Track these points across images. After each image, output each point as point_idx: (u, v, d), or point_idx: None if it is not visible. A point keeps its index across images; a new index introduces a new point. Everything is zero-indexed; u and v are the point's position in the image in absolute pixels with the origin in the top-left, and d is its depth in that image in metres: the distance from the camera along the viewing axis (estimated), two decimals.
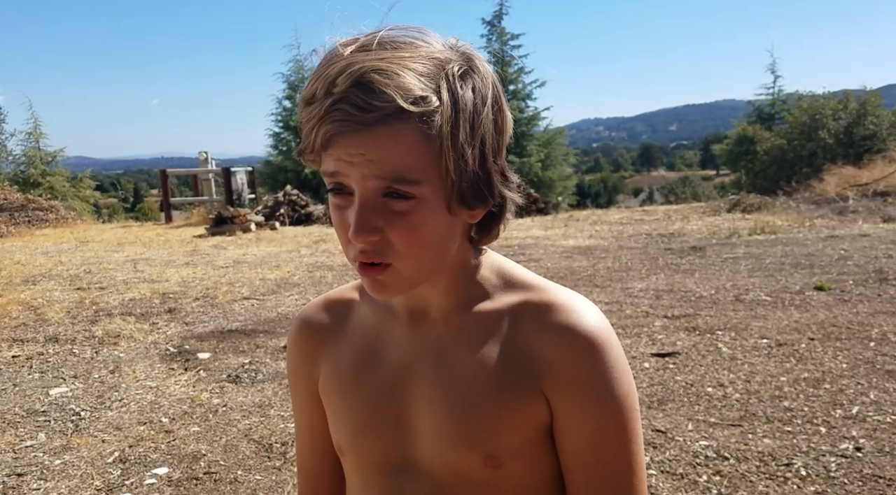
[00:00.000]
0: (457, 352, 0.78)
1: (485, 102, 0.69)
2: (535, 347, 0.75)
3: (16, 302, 6.49)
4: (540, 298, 0.77)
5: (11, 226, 13.26)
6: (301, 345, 0.89)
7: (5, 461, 3.13)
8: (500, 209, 0.76)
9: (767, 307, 5.25)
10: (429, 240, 0.70)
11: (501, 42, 25.63)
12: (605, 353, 0.74)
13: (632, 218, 12.43)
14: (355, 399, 0.82)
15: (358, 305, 0.87)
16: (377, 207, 0.68)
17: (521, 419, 0.75)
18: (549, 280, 0.84)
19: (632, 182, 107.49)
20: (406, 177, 0.66)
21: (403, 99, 0.63)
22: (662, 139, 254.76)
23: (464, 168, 0.67)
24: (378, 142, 0.65)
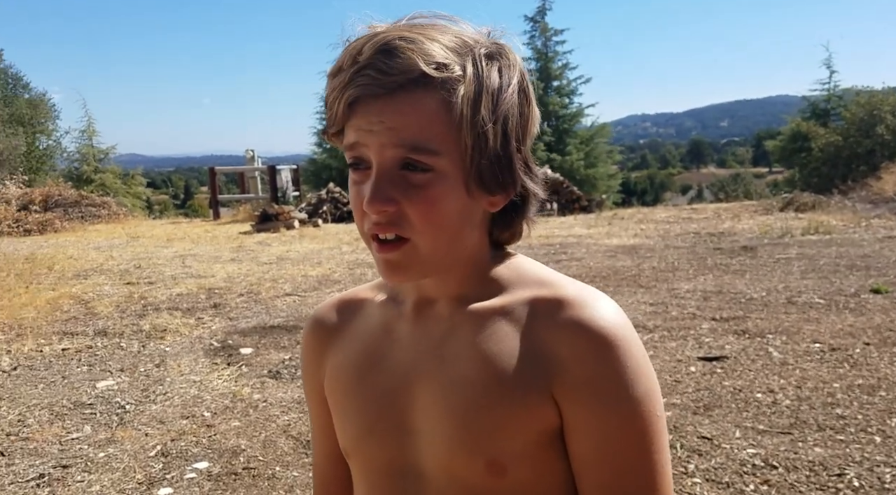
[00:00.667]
0: (460, 349, 0.73)
1: (510, 85, 0.68)
2: (544, 345, 0.70)
3: (67, 295, 6.68)
4: (552, 294, 0.72)
5: (66, 221, 13.70)
6: (311, 345, 0.87)
7: (51, 453, 3.21)
8: (522, 202, 0.74)
9: (821, 310, 5.06)
10: (446, 218, 0.68)
11: (545, 38, 25.42)
12: (621, 351, 0.68)
13: (679, 216, 12.17)
14: (359, 400, 0.79)
15: (369, 304, 0.84)
16: (394, 178, 0.66)
17: (527, 422, 0.70)
18: (592, 280, 0.78)
19: (680, 179, 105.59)
20: (425, 147, 0.65)
21: (426, 63, 0.63)
22: (713, 135, 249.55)
23: (484, 145, 0.66)
24: (399, 108, 0.64)
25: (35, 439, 3.35)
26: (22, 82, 27.42)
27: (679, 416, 3.29)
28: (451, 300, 0.76)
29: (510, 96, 0.67)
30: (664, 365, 4.03)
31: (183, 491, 2.84)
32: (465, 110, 0.65)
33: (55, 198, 14.59)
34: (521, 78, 0.70)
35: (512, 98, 0.68)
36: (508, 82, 0.68)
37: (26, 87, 27.33)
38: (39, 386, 4.15)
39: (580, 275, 6.77)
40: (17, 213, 13.58)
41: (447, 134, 0.65)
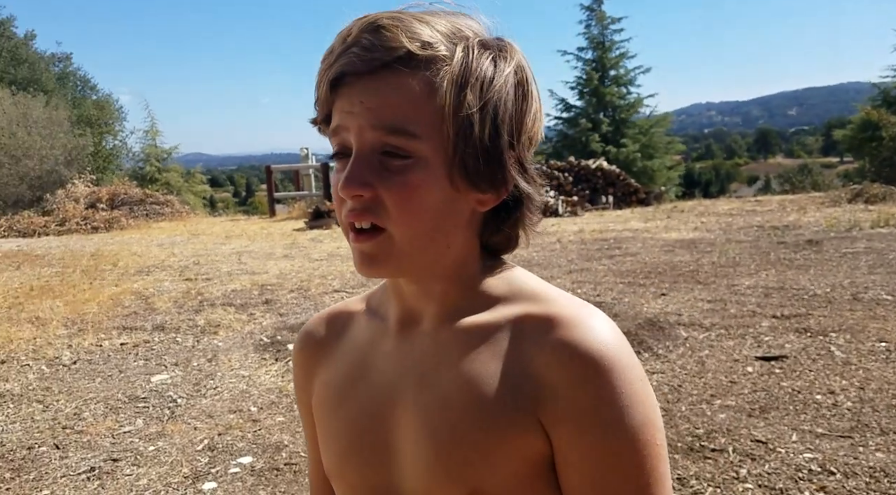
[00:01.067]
0: (442, 369, 0.68)
1: (503, 76, 0.64)
2: (532, 367, 0.64)
3: (129, 291, 6.90)
4: (543, 310, 0.66)
5: (131, 219, 14.21)
6: (300, 360, 0.83)
7: (103, 446, 3.30)
8: (515, 205, 0.68)
9: (888, 307, 4.78)
10: (425, 207, 0.63)
11: (601, 27, 24.92)
12: (613, 375, 0.62)
13: (742, 209, 11.75)
14: (340, 421, 0.74)
15: (359, 317, 0.80)
16: (372, 163, 0.63)
17: (512, 451, 0.64)
18: (647, 275, 0.72)
19: (746, 170, 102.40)
20: (405, 129, 0.62)
21: (409, 40, 0.61)
22: (780, 124, 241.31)
23: (468, 132, 0.62)
24: (380, 87, 0.62)
25: (89, 432, 3.46)
26: (90, 84, 28.61)
27: (733, 419, 3.16)
28: (435, 313, 0.70)
29: (502, 87, 0.64)
30: (719, 365, 3.88)
31: (226, 485, 2.88)
32: (449, 94, 0.61)
33: (121, 197, 15.15)
34: (519, 73, 0.66)
35: (504, 89, 0.64)
36: (502, 72, 0.64)
37: (94, 88, 28.52)
38: (97, 380, 4.28)
39: (635, 271, 6.60)
40: (85, 211, 14.16)
41: (429, 117, 0.62)
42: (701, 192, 18.98)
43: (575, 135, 24.05)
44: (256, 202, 34.55)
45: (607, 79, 24.91)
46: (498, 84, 0.63)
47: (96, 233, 13.11)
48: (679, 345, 4.27)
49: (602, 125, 24.05)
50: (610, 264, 7.15)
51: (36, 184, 16.77)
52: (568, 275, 6.64)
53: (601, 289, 5.95)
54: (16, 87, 20.47)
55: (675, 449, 2.91)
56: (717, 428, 3.07)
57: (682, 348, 4.22)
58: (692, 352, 4.14)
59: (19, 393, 4.07)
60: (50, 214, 14.20)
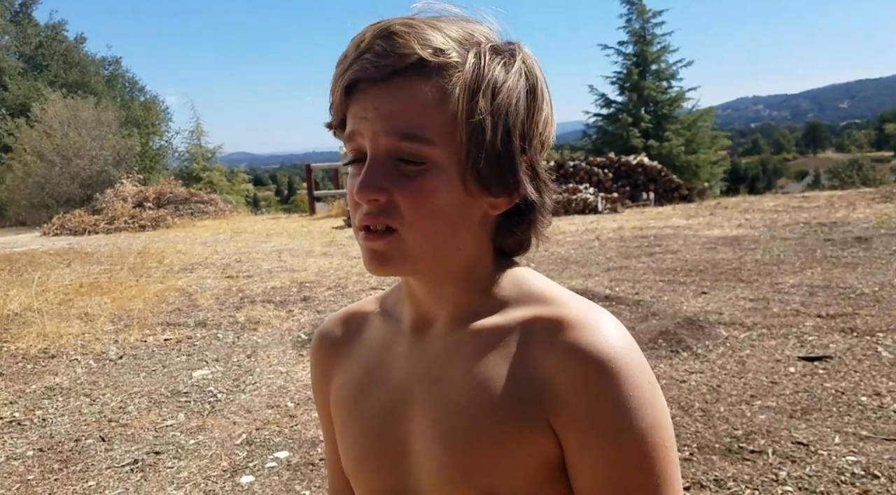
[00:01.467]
0: (454, 372, 0.69)
1: (514, 81, 0.65)
2: (541, 370, 0.65)
3: (174, 288, 7.07)
4: (552, 313, 0.67)
5: (176, 217, 14.57)
6: (317, 360, 0.85)
7: (146, 439, 3.39)
8: (528, 208, 0.69)
9: None
10: (438, 211, 0.64)
11: (643, 20, 24.52)
12: (622, 378, 0.62)
13: (789, 205, 11.45)
14: (357, 423, 0.76)
15: (374, 318, 0.81)
16: (387, 168, 0.65)
17: (523, 453, 0.65)
18: (688, 273, 0.72)
19: (795, 165, 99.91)
20: (418, 135, 0.63)
21: (422, 47, 0.62)
22: (831, 117, 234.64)
23: (481, 137, 0.63)
24: (393, 94, 0.63)
25: (133, 425, 3.56)
26: (138, 86, 29.38)
27: (773, 420, 3.09)
28: (447, 316, 0.72)
29: (513, 92, 0.65)
30: (760, 365, 3.80)
31: (263, 479, 2.93)
32: (462, 99, 0.62)
33: (167, 196, 15.54)
34: (531, 78, 0.67)
35: (515, 94, 0.65)
36: (513, 77, 0.65)
37: (142, 90, 29.28)
38: (141, 375, 4.40)
39: (675, 269, 6.50)
40: (132, 210, 14.57)
41: (442, 123, 0.63)
42: (747, 188, 18.55)
43: (615, 130, 23.76)
44: (298, 200, 35.06)
45: (648, 73, 24.53)
46: (509, 89, 0.64)
47: (143, 232, 13.47)
48: (719, 345, 4.19)
49: (643, 120, 23.70)
50: (650, 262, 7.05)
51: (86, 183, 17.30)
52: (606, 274, 6.57)
53: (640, 287, 5.87)
54: (66, 90, 21.15)
55: (713, 450, 2.86)
56: (757, 430, 3.00)
57: (722, 348, 4.14)
58: (732, 351, 4.06)
59: (68, 387, 4.21)
60: (99, 213, 14.65)
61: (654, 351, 4.14)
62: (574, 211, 12.28)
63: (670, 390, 3.52)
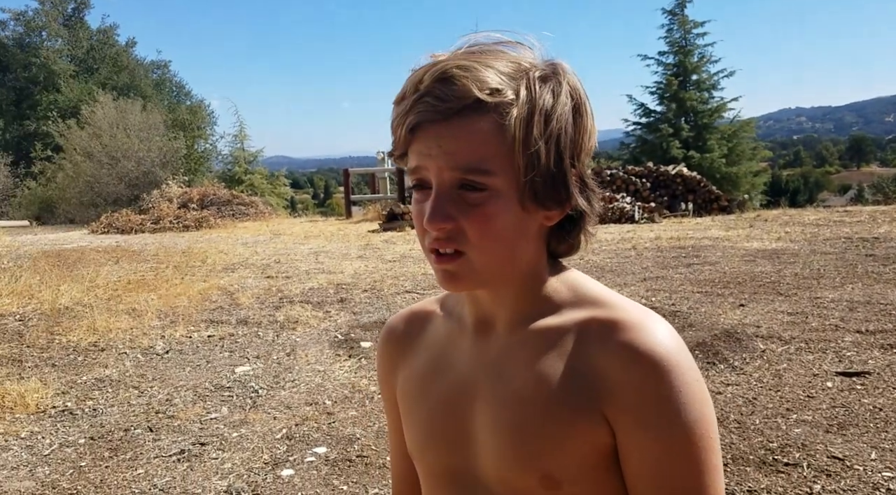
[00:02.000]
0: (516, 367, 0.76)
1: (562, 105, 0.71)
2: (597, 366, 0.71)
3: (216, 287, 7.26)
4: (608, 315, 0.74)
5: (219, 218, 14.90)
6: (384, 353, 0.93)
7: (192, 430, 3.52)
8: (578, 216, 0.76)
9: None
10: (501, 232, 0.71)
11: (684, 31, 24.28)
12: (672, 376, 0.68)
13: (830, 219, 11.26)
14: (422, 409, 0.84)
15: (436, 317, 0.89)
16: (452, 197, 0.71)
17: (579, 441, 0.72)
18: (726, 285, 0.79)
19: (838, 178, 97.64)
20: (479, 168, 0.69)
21: (479, 89, 0.67)
22: (877, 131, 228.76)
23: (536, 163, 0.69)
24: (455, 133, 0.68)
25: (179, 417, 3.70)
26: (184, 90, 30.08)
27: (809, 434, 3.09)
28: (507, 317, 0.79)
29: (562, 115, 0.70)
30: (797, 379, 3.78)
31: (303, 473, 3.03)
32: (518, 132, 0.68)
33: (210, 197, 15.90)
34: (574, 96, 0.72)
35: (564, 117, 0.70)
36: (560, 101, 0.71)
37: (188, 94, 29.99)
38: (187, 369, 4.56)
39: (713, 281, 6.46)
40: (177, 210, 14.95)
41: (501, 155, 0.69)
42: (787, 201, 18.21)
43: (655, 140, 23.57)
44: (334, 203, 35.44)
45: (689, 83, 24.28)
46: (558, 114, 0.70)
47: (187, 232, 13.81)
48: (756, 358, 4.18)
49: (683, 130, 23.46)
50: (687, 273, 7.02)
51: (133, 183, 17.79)
52: (642, 283, 6.57)
53: (676, 297, 5.86)
54: (117, 93, 21.77)
55: (748, 461, 2.88)
56: (792, 443, 3.01)
57: (759, 361, 4.13)
58: (769, 364, 4.04)
59: (117, 379, 4.38)
60: (146, 213, 15.07)
61: None
62: (610, 220, 12.24)
63: None
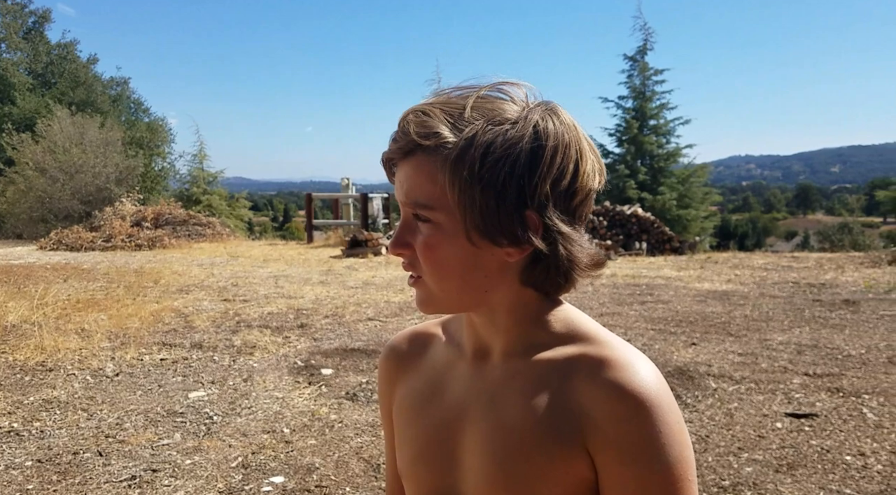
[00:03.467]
0: (508, 396, 0.80)
1: (510, 148, 0.71)
2: (583, 402, 0.74)
3: (170, 309, 7.11)
4: (597, 352, 0.77)
5: (174, 238, 14.62)
6: (385, 370, 0.97)
7: (143, 456, 3.43)
8: (554, 257, 0.75)
9: None
10: (444, 263, 0.77)
11: (644, 77, 25.09)
12: (654, 415, 0.71)
13: (778, 264, 11.64)
14: (415, 429, 0.87)
15: (437, 340, 0.93)
16: (411, 226, 0.79)
17: (562, 473, 0.74)
18: (678, 324, 0.83)
19: (785, 224, 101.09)
20: (421, 202, 0.76)
21: (417, 134, 0.73)
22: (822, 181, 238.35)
23: (471, 203, 0.72)
24: (406, 171, 0.77)
25: (130, 442, 3.59)
26: (143, 107, 29.65)
27: (759, 473, 3.17)
28: (502, 347, 0.82)
29: (508, 158, 0.71)
30: (748, 419, 3.88)
31: None
32: (448, 172, 0.72)
33: (165, 217, 15.61)
34: (543, 138, 0.72)
35: (511, 159, 0.71)
36: (509, 145, 0.71)
37: (146, 112, 29.54)
38: (138, 393, 4.44)
39: (666, 319, 6.61)
40: (130, 229, 14.61)
41: (438, 192, 0.74)
42: (736, 244, 18.79)
43: (612, 180, 24.13)
44: (293, 227, 35.09)
45: (646, 128, 25.02)
46: (500, 156, 0.71)
47: (140, 251, 13.50)
48: (708, 396, 4.28)
49: (639, 173, 24.10)
50: (641, 310, 7.16)
51: (86, 199, 17.36)
52: (600, 319, 6.67)
53: (631, 334, 5.97)
54: (74, 108, 21.33)
55: None
56: (744, 481, 3.08)
57: (710, 399, 4.23)
58: (721, 403, 4.14)
59: (66, 401, 4.25)
60: (97, 230, 14.69)
61: None
62: None
63: None
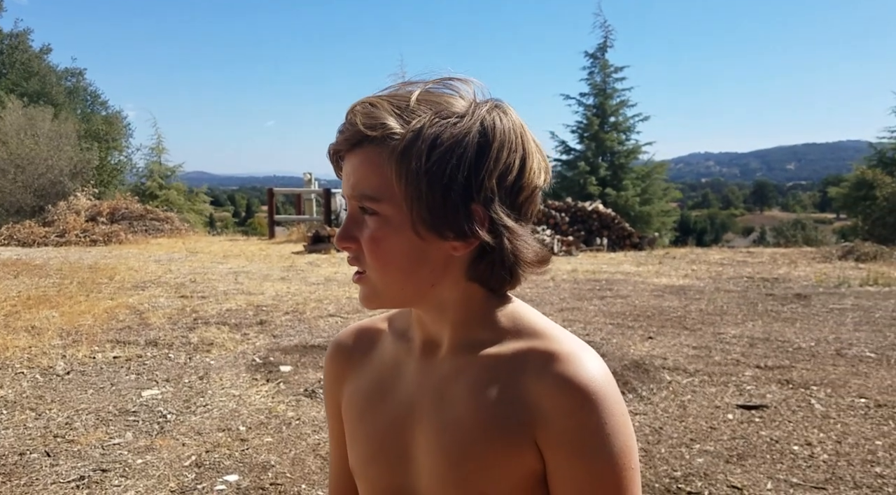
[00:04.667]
0: (457, 392, 0.80)
1: (458, 141, 0.72)
2: (531, 395, 0.75)
3: (124, 306, 6.97)
4: (544, 346, 0.77)
5: (130, 233, 14.29)
6: (331, 367, 0.96)
7: (93, 456, 3.35)
8: (499, 246, 0.75)
9: (871, 364, 4.88)
10: (389, 255, 0.76)
11: (604, 75, 25.36)
12: (600, 407, 0.72)
13: (734, 259, 11.90)
14: (367, 427, 0.87)
15: (385, 336, 0.92)
16: (357, 220, 0.78)
17: (512, 465, 0.75)
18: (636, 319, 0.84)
19: (742, 220, 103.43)
20: (368, 194, 0.75)
21: (364, 125, 0.73)
22: (778, 178, 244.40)
23: (417, 195, 0.72)
24: (353, 162, 0.76)
25: (80, 442, 3.51)
26: (99, 100, 28.92)
27: (710, 464, 3.23)
28: (451, 342, 0.82)
29: (454, 151, 0.71)
30: (700, 410, 3.96)
31: None
32: (394, 162, 0.73)
33: (122, 211, 15.25)
34: (489, 133, 0.73)
35: (455, 152, 0.71)
36: (455, 137, 0.72)
37: (104, 104, 28.81)
38: (89, 392, 4.34)
39: (624, 313, 6.70)
40: (85, 224, 14.24)
41: (384, 184, 0.74)
42: (695, 240, 19.10)
43: (573, 177, 24.33)
44: (255, 223, 34.66)
45: (607, 125, 25.29)
46: (446, 149, 0.71)
47: (95, 247, 13.18)
48: (662, 389, 4.36)
49: (600, 169, 24.37)
50: (601, 305, 7.25)
51: (39, 193, 16.87)
52: (559, 313, 6.73)
53: (591, 328, 6.04)
54: (27, 99, 20.71)
55: (653, 489, 2.99)
56: (695, 472, 3.14)
57: (665, 391, 4.30)
58: (675, 395, 4.22)
59: (13, 400, 4.13)
60: (51, 225, 14.27)
61: None
62: None
63: None
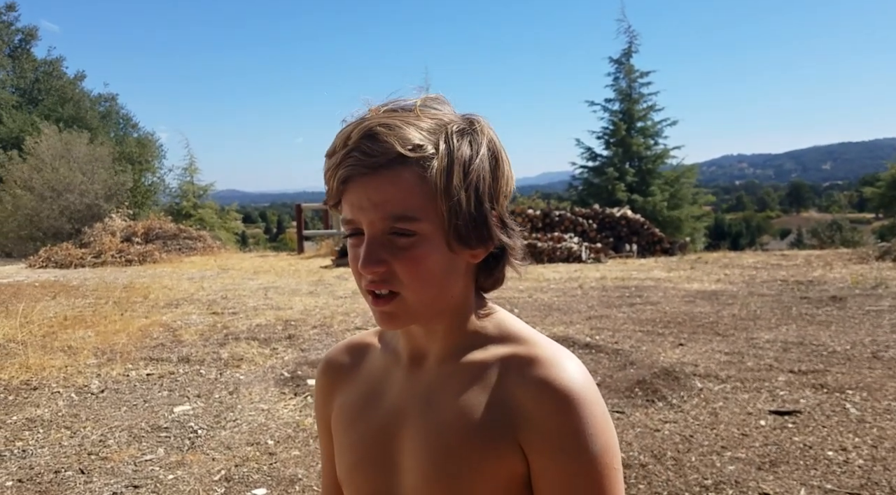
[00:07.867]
0: (443, 397, 0.82)
1: (479, 155, 0.78)
2: (514, 399, 0.78)
3: (158, 323, 7.09)
4: (527, 351, 0.80)
5: (164, 252, 14.57)
6: (321, 383, 0.99)
7: (126, 473, 3.41)
8: (501, 252, 0.83)
9: None
10: (430, 273, 0.77)
11: (629, 80, 25.17)
12: (581, 409, 0.75)
13: (768, 262, 11.68)
14: (353, 436, 0.89)
15: (374, 349, 0.95)
16: (383, 243, 0.77)
17: (497, 468, 0.77)
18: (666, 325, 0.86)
19: (778, 223, 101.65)
20: (406, 215, 0.75)
21: (402, 146, 0.74)
22: (814, 178, 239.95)
23: (458, 209, 0.75)
24: (381, 185, 0.75)
25: (113, 459, 3.58)
26: (132, 123, 29.60)
27: (742, 471, 3.17)
28: (438, 351, 0.85)
29: (480, 164, 0.77)
30: (732, 417, 3.89)
31: None
32: (440, 182, 0.75)
33: (156, 231, 15.57)
34: (491, 146, 0.79)
35: (482, 165, 0.78)
36: (478, 152, 0.77)
37: (135, 126, 29.48)
38: (122, 409, 4.42)
39: (654, 320, 6.62)
40: (120, 244, 14.56)
41: (425, 201, 0.75)
42: (729, 244, 18.82)
43: (601, 183, 24.16)
44: (286, 238, 35.08)
45: (634, 130, 25.07)
46: (476, 164, 0.77)
47: (130, 266, 13.46)
48: (693, 396, 4.29)
49: (628, 175, 24.15)
50: (630, 312, 7.17)
51: (76, 217, 17.30)
52: (587, 322, 6.68)
53: (619, 336, 5.98)
54: (63, 124, 21.29)
55: None
56: (726, 480, 3.09)
57: (696, 399, 4.23)
58: (706, 403, 4.15)
59: (49, 419, 4.23)
60: (87, 247, 14.63)
61: (630, 399, 4.23)
62: (559, 259, 12.45)
63: (644, 439, 3.60)
